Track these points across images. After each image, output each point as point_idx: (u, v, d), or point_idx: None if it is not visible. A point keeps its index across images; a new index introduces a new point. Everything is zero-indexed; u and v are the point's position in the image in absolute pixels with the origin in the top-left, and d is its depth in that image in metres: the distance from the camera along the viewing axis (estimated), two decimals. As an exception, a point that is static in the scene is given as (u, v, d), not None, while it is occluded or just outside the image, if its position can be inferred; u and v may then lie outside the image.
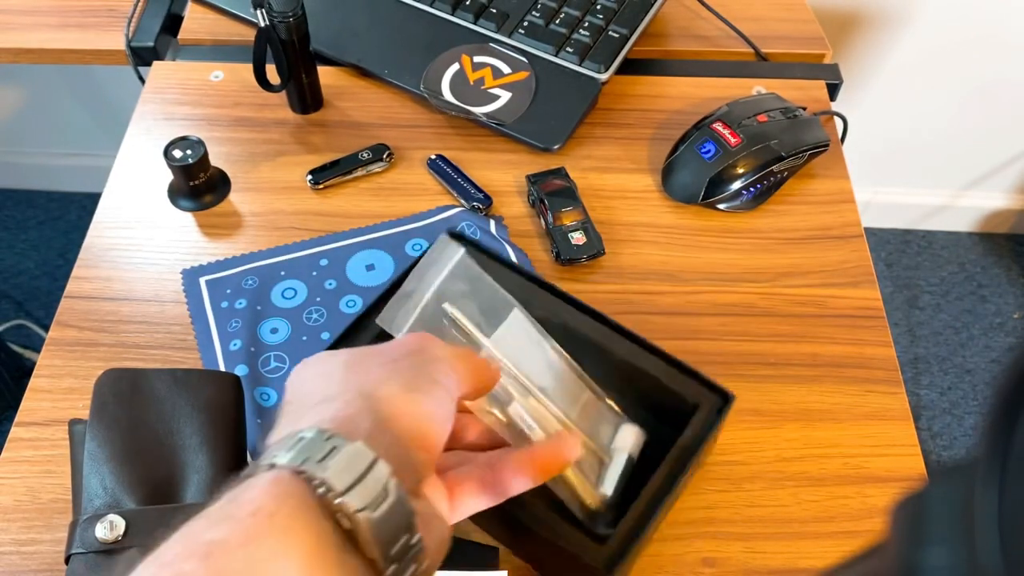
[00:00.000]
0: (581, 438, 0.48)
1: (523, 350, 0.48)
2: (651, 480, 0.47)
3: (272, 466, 0.31)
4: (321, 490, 0.30)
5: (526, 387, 0.47)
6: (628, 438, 0.49)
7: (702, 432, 0.49)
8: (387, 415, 0.34)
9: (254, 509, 0.29)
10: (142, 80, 0.78)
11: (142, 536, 0.44)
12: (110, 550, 0.44)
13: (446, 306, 0.46)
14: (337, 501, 0.30)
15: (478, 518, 0.52)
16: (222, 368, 0.58)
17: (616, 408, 0.51)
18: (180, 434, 0.48)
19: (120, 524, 0.45)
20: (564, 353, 0.50)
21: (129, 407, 0.49)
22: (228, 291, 0.62)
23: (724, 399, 0.51)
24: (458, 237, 0.56)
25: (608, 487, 0.48)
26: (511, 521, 0.47)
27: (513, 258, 0.62)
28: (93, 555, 0.44)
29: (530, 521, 0.46)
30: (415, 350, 0.38)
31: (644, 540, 0.46)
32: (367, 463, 0.31)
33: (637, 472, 0.48)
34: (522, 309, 0.49)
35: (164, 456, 0.48)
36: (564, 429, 0.47)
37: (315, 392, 0.36)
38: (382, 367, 0.36)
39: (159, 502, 0.46)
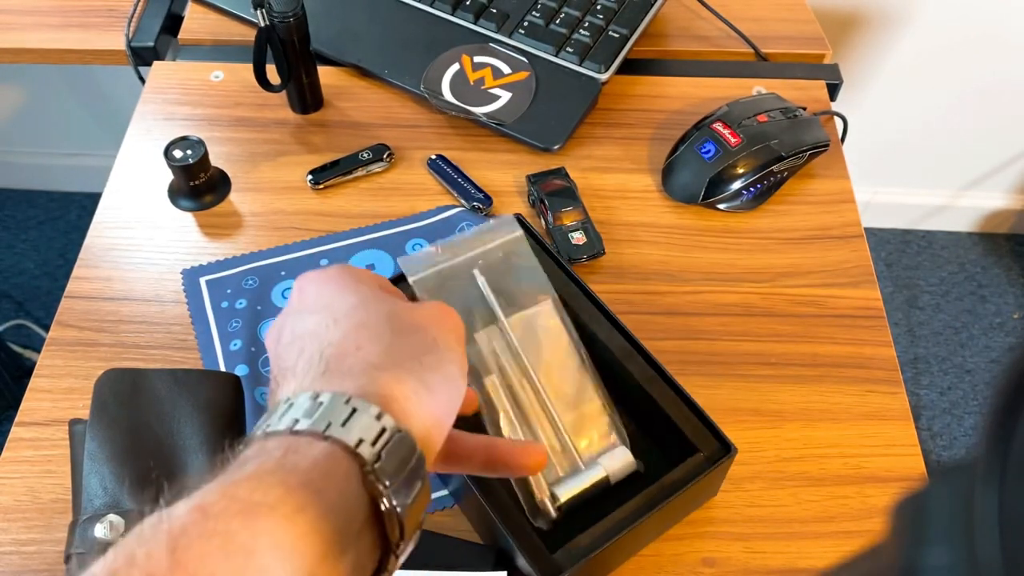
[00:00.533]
0: (566, 440, 0.48)
1: (540, 340, 0.48)
2: (619, 508, 0.47)
3: (325, 436, 0.30)
4: (368, 472, 0.30)
5: (527, 374, 0.47)
6: (615, 459, 0.49)
7: (688, 475, 0.48)
8: (400, 413, 0.33)
9: (305, 480, 0.29)
10: (142, 80, 0.78)
11: None
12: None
13: (476, 272, 0.46)
14: (381, 487, 0.30)
15: (474, 520, 0.52)
16: (222, 368, 0.58)
17: (621, 427, 0.51)
18: (180, 434, 0.48)
19: (120, 524, 0.45)
20: (587, 359, 0.50)
21: (129, 407, 0.49)
22: (228, 291, 0.62)
23: (726, 450, 0.50)
24: (521, 223, 0.56)
25: (564, 491, 0.48)
26: (489, 523, 0.47)
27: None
28: (93, 555, 0.44)
29: (498, 519, 0.46)
30: (432, 340, 0.36)
31: (600, 562, 0.46)
32: (411, 456, 0.31)
33: (616, 499, 0.48)
34: (558, 303, 0.49)
35: (164, 456, 0.48)
36: (542, 429, 0.47)
37: (323, 334, 0.35)
38: (400, 351, 0.35)
39: (157, 502, 0.46)
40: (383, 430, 0.31)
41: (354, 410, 0.31)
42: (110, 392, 0.49)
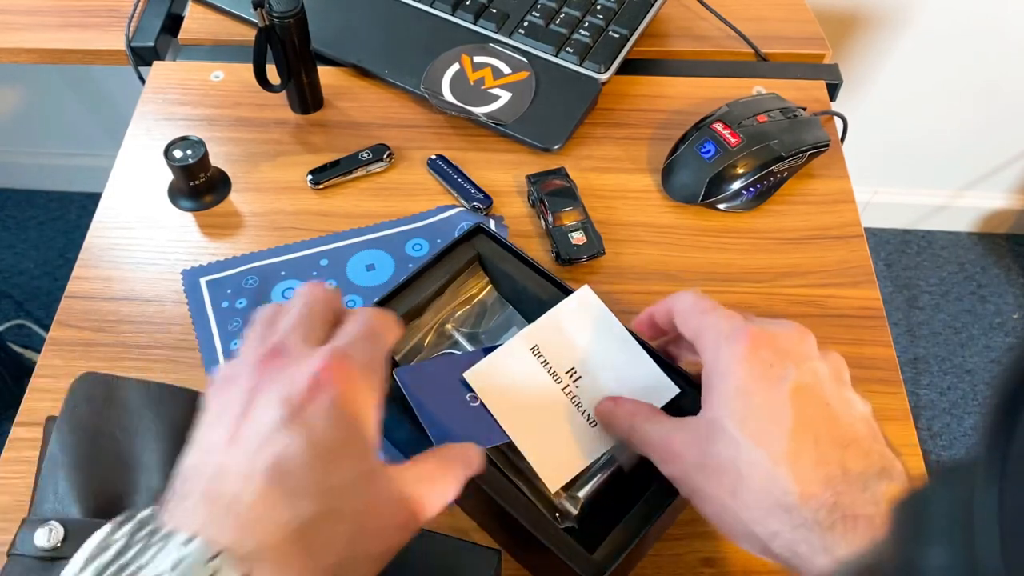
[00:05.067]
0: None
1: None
2: (645, 496, 0.47)
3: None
4: None
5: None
6: (625, 448, 0.49)
7: None
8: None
9: None
10: (142, 80, 0.78)
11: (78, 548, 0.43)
12: (45, 557, 0.42)
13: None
14: None
15: (480, 521, 0.52)
16: (222, 368, 0.58)
17: None
18: (141, 451, 0.46)
19: (59, 532, 0.43)
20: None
21: (98, 415, 0.47)
22: (229, 291, 0.62)
23: None
24: (483, 231, 0.56)
25: (582, 488, 0.48)
26: (510, 524, 0.47)
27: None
28: (30, 559, 0.43)
29: (527, 525, 0.46)
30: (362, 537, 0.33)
31: (636, 552, 0.46)
32: None
33: (634, 487, 0.48)
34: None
35: (119, 470, 0.46)
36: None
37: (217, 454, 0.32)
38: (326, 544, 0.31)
39: (104, 516, 0.44)
40: None
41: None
42: (83, 396, 0.48)
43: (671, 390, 0.48)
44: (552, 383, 0.48)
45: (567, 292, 0.53)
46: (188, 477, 0.33)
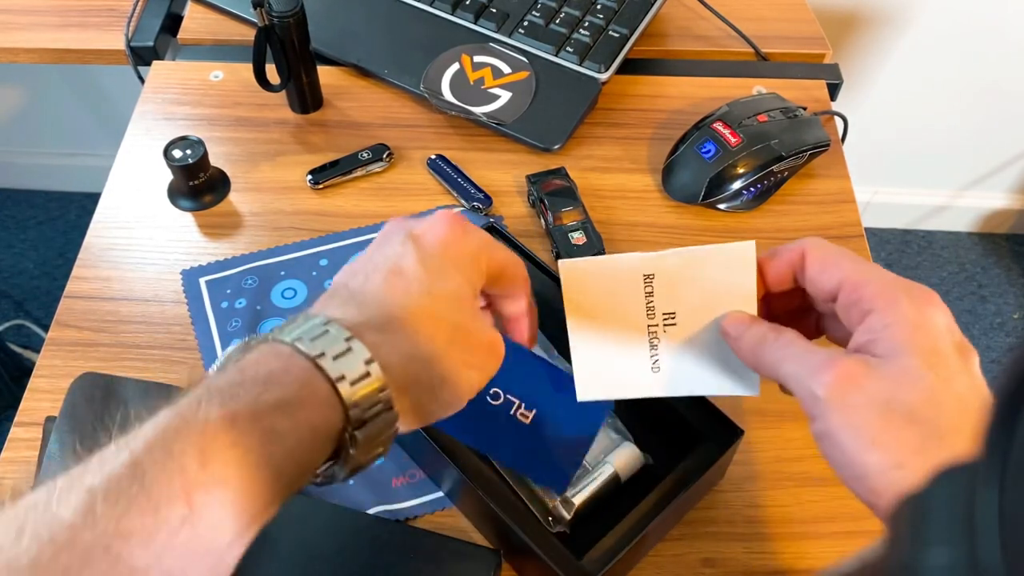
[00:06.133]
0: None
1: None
2: (639, 505, 0.47)
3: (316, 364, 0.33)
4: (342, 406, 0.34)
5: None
6: (622, 456, 0.49)
7: (701, 463, 0.48)
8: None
9: (271, 412, 0.32)
10: (142, 80, 0.78)
11: None
12: None
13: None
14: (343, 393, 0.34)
15: (476, 523, 0.52)
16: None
17: (622, 426, 0.51)
18: None
19: None
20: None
21: (97, 413, 0.48)
22: (228, 291, 0.62)
23: (733, 433, 0.49)
24: (496, 232, 0.56)
25: (577, 494, 0.48)
26: (500, 527, 0.47)
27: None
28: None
29: (515, 526, 0.46)
30: (455, 371, 0.38)
31: (625, 560, 0.46)
32: (384, 409, 0.35)
33: (631, 496, 0.47)
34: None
35: None
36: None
37: (378, 283, 0.38)
38: (420, 366, 0.37)
39: None
40: (367, 374, 0.34)
41: (349, 349, 0.34)
42: (82, 395, 0.48)
43: (750, 391, 0.43)
44: (642, 316, 0.43)
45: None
46: (331, 286, 0.40)
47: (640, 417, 0.53)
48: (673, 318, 0.43)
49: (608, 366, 0.44)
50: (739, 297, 0.43)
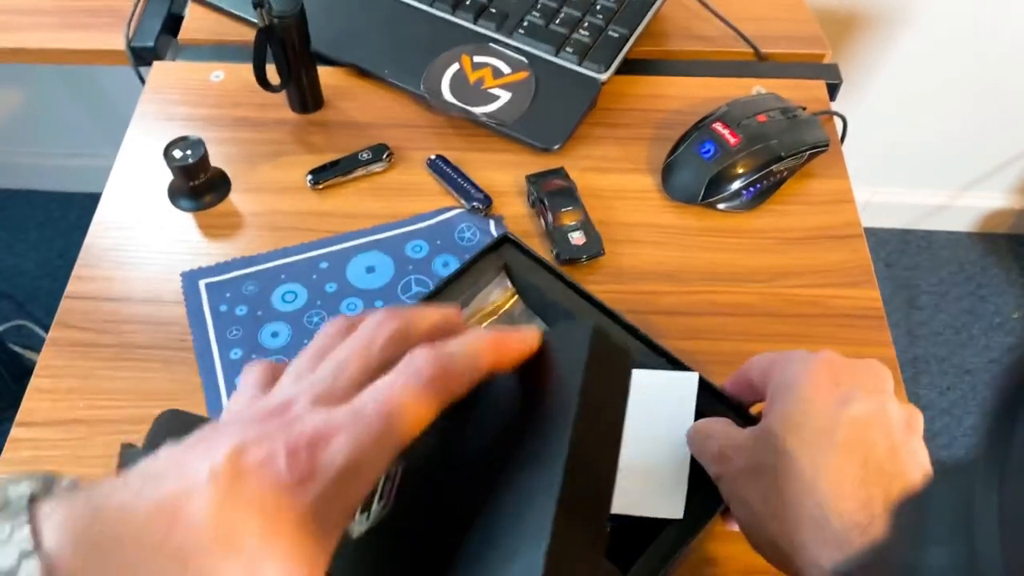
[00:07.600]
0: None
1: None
2: (667, 528, 0.45)
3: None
4: None
5: None
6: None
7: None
8: None
9: None
10: (142, 80, 0.78)
11: None
12: None
13: None
14: None
15: None
16: (219, 372, 0.58)
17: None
18: None
19: None
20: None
21: None
22: (227, 295, 0.62)
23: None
24: (510, 241, 0.55)
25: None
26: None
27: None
28: None
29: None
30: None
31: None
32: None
33: (638, 544, 0.46)
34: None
35: None
36: None
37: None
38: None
39: None
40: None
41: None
42: (165, 430, 0.49)
43: (675, 513, 0.44)
44: None
45: (596, 305, 0.53)
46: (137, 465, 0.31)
47: None
48: None
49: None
50: (677, 422, 0.45)
